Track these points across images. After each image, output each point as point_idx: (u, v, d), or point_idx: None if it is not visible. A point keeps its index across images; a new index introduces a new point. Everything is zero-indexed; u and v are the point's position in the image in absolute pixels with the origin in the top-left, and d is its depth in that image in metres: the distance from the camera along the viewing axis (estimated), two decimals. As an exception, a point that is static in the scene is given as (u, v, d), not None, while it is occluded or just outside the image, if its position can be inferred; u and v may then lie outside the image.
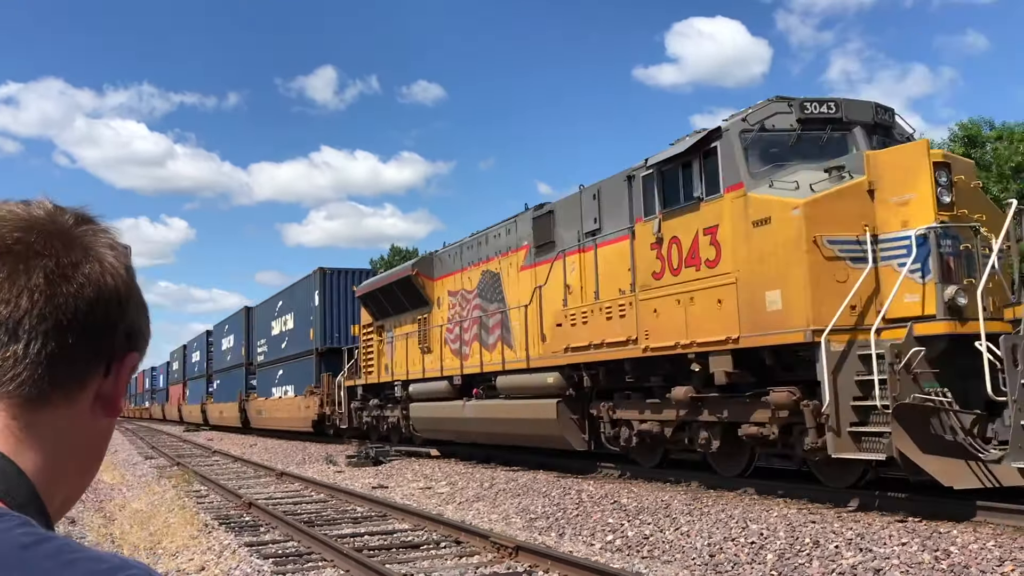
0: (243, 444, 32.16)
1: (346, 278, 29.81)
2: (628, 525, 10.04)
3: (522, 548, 8.71)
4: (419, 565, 8.64)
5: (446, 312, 19.82)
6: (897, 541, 7.80)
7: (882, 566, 7.20)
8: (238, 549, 9.58)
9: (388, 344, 23.06)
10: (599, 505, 11.38)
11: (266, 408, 35.32)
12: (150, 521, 12.74)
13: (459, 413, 18.27)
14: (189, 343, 60.63)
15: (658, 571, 8.14)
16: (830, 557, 7.68)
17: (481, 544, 9.32)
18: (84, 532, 11.89)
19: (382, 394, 23.58)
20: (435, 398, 19.59)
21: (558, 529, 10.56)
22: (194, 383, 56.16)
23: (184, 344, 62.94)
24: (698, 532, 9.23)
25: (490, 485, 14.43)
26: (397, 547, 9.68)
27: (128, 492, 17.49)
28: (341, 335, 29.16)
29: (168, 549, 10.22)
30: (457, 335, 19.04)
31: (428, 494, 14.58)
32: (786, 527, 8.82)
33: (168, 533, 11.28)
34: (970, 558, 7.13)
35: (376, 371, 23.85)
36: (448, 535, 10.10)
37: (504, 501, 12.88)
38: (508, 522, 11.39)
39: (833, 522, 8.89)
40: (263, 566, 8.63)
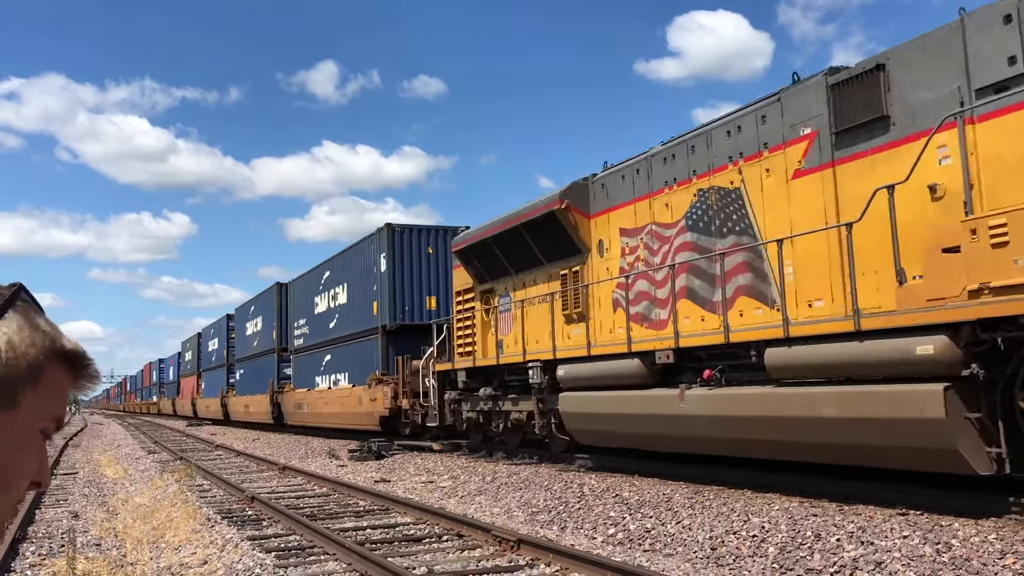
0: (245, 439, 32.20)
1: (421, 237, 24.22)
2: (630, 518, 10.06)
3: (524, 541, 8.72)
4: (421, 558, 8.66)
5: (616, 260, 14.09)
6: (899, 534, 7.81)
7: (883, 559, 7.21)
8: (240, 543, 9.61)
9: (505, 313, 17.54)
10: (601, 499, 11.40)
11: (309, 401, 29.72)
12: (153, 515, 12.78)
13: (669, 408, 11.99)
14: (205, 330, 55.17)
15: (660, 564, 8.16)
16: (831, 550, 7.69)
17: (483, 537, 9.34)
18: (88, 526, 11.93)
19: (495, 381, 17.58)
20: (604, 385, 13.49)
21: (560, 523, 10.58)
22: (211, 374, 50.76)
23: (199, 332, 57.63)
24: (700, 525, 9.25)
25: (492, 479, 14.45)
26: (399, 541, 9.70)
27: (131, 487, 17.54)
28: (415, 309, 23.72)
29: (171, 543, 10.25)
30: (645, 291, 13.27)
31: (430, 488, 14.61)
32: (787, 520, 8.83)
33: (171, 527, 11.32)
34: (971, 551, 7.14)
35: (479, 349, 18.44)
36: (450, 528, 10.12)
37: (506, 495, 12.90)
38: (510, 516, 11.41)
39: (835, 515, 8.90)
40: (266, 560, 8.65)
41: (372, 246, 24.98)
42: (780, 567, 7.56)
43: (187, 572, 8.62)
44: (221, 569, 8.44)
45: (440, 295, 23.51)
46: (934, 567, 6.89)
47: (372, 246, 24.98)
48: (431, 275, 23.97)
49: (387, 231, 23.92)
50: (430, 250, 23.94)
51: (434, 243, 24.12)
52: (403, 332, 23.47)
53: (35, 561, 9.42)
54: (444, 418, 19.58)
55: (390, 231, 23.91)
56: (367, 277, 25.19)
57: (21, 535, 10.93)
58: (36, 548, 10.20)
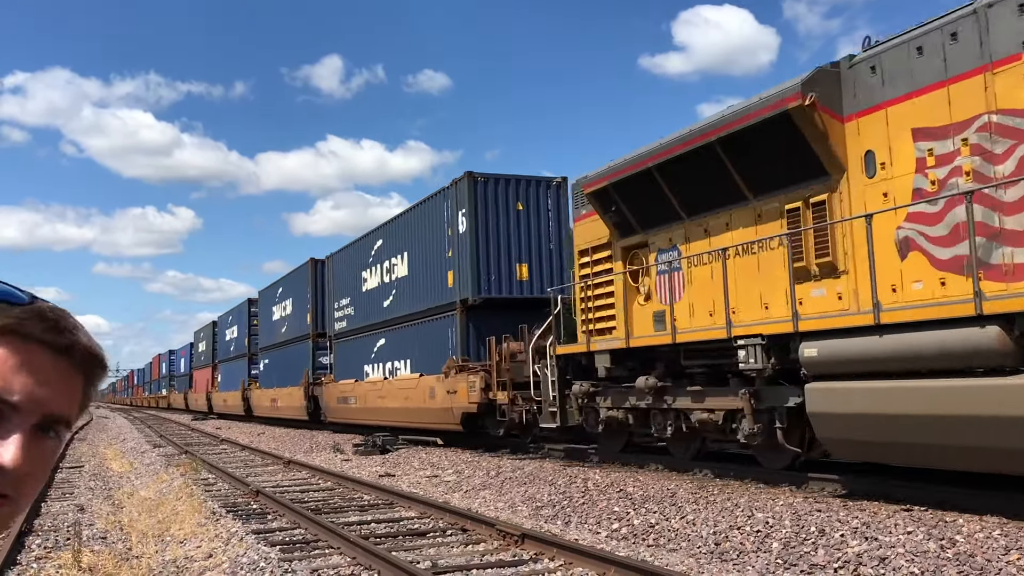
0: (250, 433, 32.27)
1: (509, 190, 19.53)
2: (634, 513, 10.06)
3: (528, 536, 8.74)
4: (425, 552, 8.68)
5: (905, 178, 9.38)
6: (903, 530, 7.80)
7: (887, 555, 7.20)
8: (245, 536, 9.63)
9: (670, 273, 12.90)
10: (605, 493, 11.40)
11: (358, 394, 25.15)
12: (158, 509, 12.82)
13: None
14: (222, 317, 50.88)
15: (664, 559, 8.16)
16: (835, 546, 7.68)
17: (487, 532, 9.35)
18: (93, 519, 11.98)
19: (659, 367, 12.88)
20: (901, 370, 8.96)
21: (564, 517, 10.59)
22: (230, 366, 46.54)
23: (214, 320, 53.45)
24: (704, 520, 9.25)
25: (496, 473, 14.47)
26: (404, 535, 9.72)
27: (136, 480, 17.59)
28: (503, 280, 19.23)
29: (176, 536, 10.28)
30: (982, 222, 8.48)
31: (435, 482, 14.63)
32: (791, 515, 8.83)
33: (176, 520, 11.35)
34: (976, 547, 7.13)
35: (624, 325, 13.71)
36: (454, 523, 10.14)
37: (510, 489, 12.91)
38: (514, 510, 11.42)
39: (839, 511, 8.90)
40: (270, 553, 8.68)
41: (446, 203, 20.15)
42: (784, 562, 7.56)
43: (192, 565, 8.65)
44: (226, 562, 8.47)
45: (533, 263, 19.55)
46: (938, 563, 6.88)
47: (446, 203, 20.15)
48: (522, 237, 19.55)
49: (468, 182, 19.15)
50: (520, 206, 19.44)
51: (524, 197, 19.58)
52: (488, 308, 18.99)
53: (41, 554, 9.45)
54: (566, 417, 14.85)
55: (472, 181, 19.13)
56: (437, 242, 20.59)
57: (27, 528, 10.97)
58: (42, 541, 10.23)
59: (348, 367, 26.98)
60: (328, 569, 8.03)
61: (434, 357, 20.22)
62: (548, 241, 19.83)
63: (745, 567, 7.64)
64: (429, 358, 20.65)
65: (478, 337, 19.14)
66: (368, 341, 25.30)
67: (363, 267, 26.04)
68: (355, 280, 26.65)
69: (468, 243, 19.11)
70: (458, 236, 19.51)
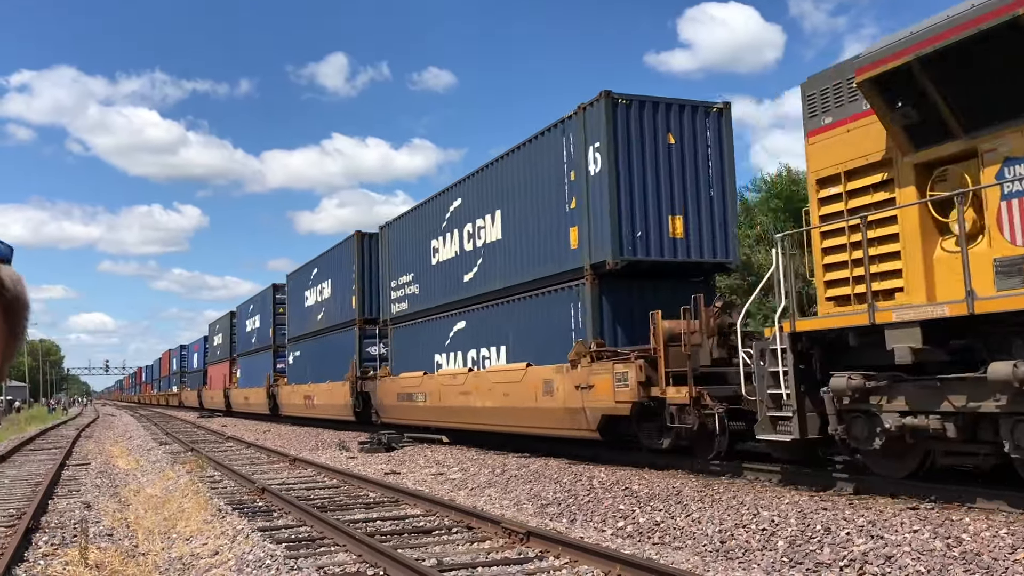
0: (256, 430, 32.32)
1: (657, 118, 14.85)
2: (639, 511, 10.06)
3: (533, 534, 8.74)
4: (431, 550, 8.68)
5: None
6: (909, 528, 7.79)
7: (893, 553, 7.19)
8: (251, 534, 9.65)
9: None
10: (610, 492, 11.40)
11: (430, 390, 20.38)
12: (164, 506, 12.86)
13: None
14: (242, 306, 45.91)
15: (669, 557, 8.16)
16: (841, 544, 7.67)
17: (492, 530, 9.36)
18: (100, 516, 12.01)
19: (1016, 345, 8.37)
20: None
21: (569, 515, 10.59)
22: (251, 360, 42.11)
23: (231, 310, 49.19)
24: (709, 519, 9.24)
25: (502, 471, 14.47)
26: (409, 532, 9.73)
27: (143, 478, 17.64)
28: (652, 237, 14.50)
29: (182, 533, 10.31)
30: None
31: (440, 480, 14.64)
32: (797, 514, 8.82)
33: (182, 518, 11.38)
34: (982, 545, 7.11)
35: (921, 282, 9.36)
36: (460, 521, 10.14)
37: (516, 487, 12.92)
38: (520, 508, 11.43)
39: (844, 509, 8.88)
40: (276, 551, 8.69)
41: (567, 138, 15.31)
42: (789, 561, 7.56)
43: (198, 563, 8.67)
44: (232, 560, 8.48)
45: (690, 215, 14.69)
46: (944, 561, 6.87)
47: (567, 138, 15.31)
48: (674, 182, 14.70)
49: (606, 103, 14.48)
50: (671, 138, 14.74)
51: (676, 128, 14.88)
52: (628, 277, 14.53)
53: (48, 551, 9.48)
54: (805, 426, 10.41)
55: (611, 104, 14.50)
56: (550, 192, 15.79)
57: (34, 525, 11.01)
58: (49, 538, 10.27)
59: (410, 358, 22.37)
60: (334, 566, 8.04)
61: (543, 342, 15.84)
62: (708, 186, 15.02)
63: (751, 565, 7.63)
64: (535, 344, 16.16)
65: (614, 315, 14.62)
66: (441, 325, 20.61)
67: (433, 235, 21.16)
68: (421, 252, 21.94)
69: (605, 188, 14.26)
70: (587, 180, 14.66)
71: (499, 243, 17.88)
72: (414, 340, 22.41)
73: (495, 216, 18.11)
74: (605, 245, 14.30)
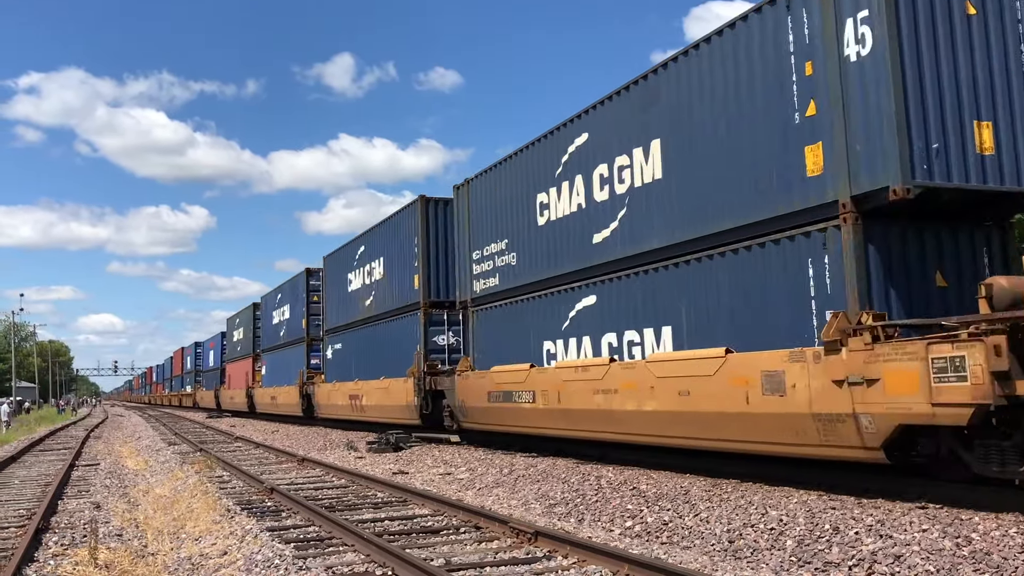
0: (264, 431, 32.40)
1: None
2: (647, 511, 10.06)
3: (541, 533, 8.74)
4: (439, 550, 8.70)
5: None
6: (918, 528, 7.77)
7: (902, 552, 7.17)
8: (260, 534, 9.68)
9: None
10: (618, 491, 11.40)
11: (544, 387, 15.50)
12: (173, 506, 12.90)
13: None
14: (267, 296, 41.49)
15: (677, 557, 8.16)
16: (850, 543, 7.66)
17: (500, 529, 9.36)
18: (109, 517, 12.06)
19: None
20: None
21: (577, 515, 10.59)
22: (279, 355, 38.14)
23: (254, 302, 45.02)
24: (717, 518, 9.23)
25: (509, 471, 14.48)
26: (417, 532, 9.75)
27: (152, 478, 17.70)
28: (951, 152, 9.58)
29: (191, 533, 10.34)
30: None
31: (448, 480, 14.65)
32: (806, 513, 8.81)
33: (191, 518, 11.42)
34: (992, 545, 7.09)
35: None
36: (468, 520, 10.16)
37: (523, 487, 12.93)
38: (527, 508, 11.43)
39: (853, 508, 8.87)
40: (284, 550, 8.72)
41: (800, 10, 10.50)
42: (798, 560, 7.55)
43: (207, 563, 8.70)
44: (241, 560, 8.51)
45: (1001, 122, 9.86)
46: (954, 561, 6.85)
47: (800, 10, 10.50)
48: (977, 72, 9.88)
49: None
50: (971, 9, 9.95)
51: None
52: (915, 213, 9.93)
53: (58, 551, 9.53)
54: None
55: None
56: (763, 94, 11.10)
57: (44, 525, 11.06)
58: (59, 538, 10.31)
59: (503, 347, 17.82)
60: (342, 566, 8.06)
61: (752, 319, 11.20)
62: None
63: (759, 565, 7.62)
64: (735, 321, 11.48)
65: (887, 274, 10.00)
66: (553, 304, 15.88)
67: (540, 186, 16.47)
68: (520, 211, 17.27)
69: (882, 77, 9.48)
70: (842, 71, 9.90)
71: (657, 185, 13.07)
72: (510, 324, 17.61)
73: (650, 149, 13.27)
74: (882, 165, 9.40)
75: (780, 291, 10.78)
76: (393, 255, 24.08)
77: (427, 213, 22.09)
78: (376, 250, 25.52)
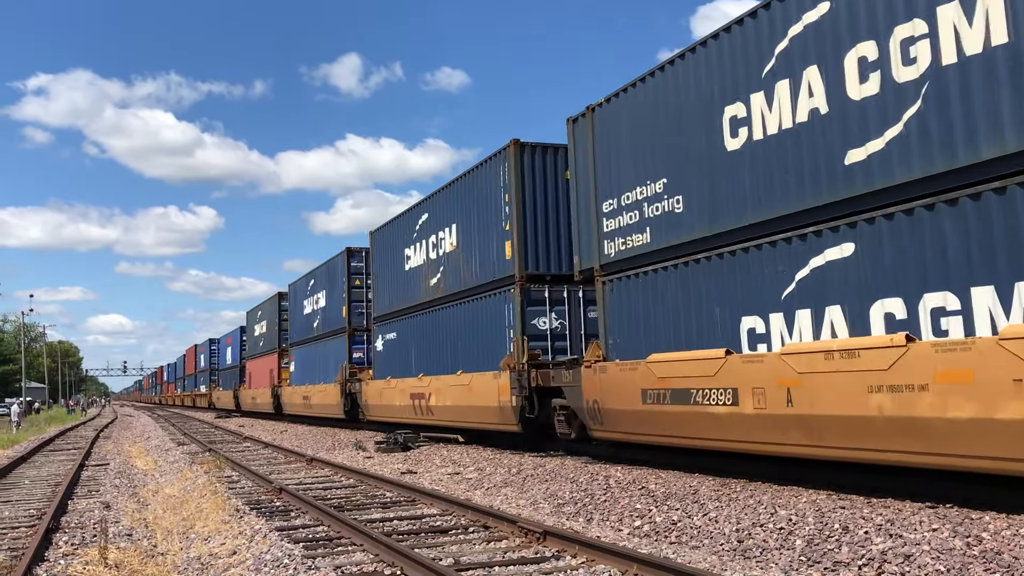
0: (273, 430, 32.47)
1: None
2: (656, 511, 10.05)
3: (550, 533, 8.74)
4: (448, 550, 8.70)
5: None
6: (928, 527, 7.74)
7: (912, 552, 7.15)
8: (269, 533, 9.70)
9: None
10: (627, 491, 11.39)
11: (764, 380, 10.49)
12: (183, 506, 12.94)
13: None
14: (296, 284, 37.71)
15: (686, 556, 8.14)
16: (859, 543, 7.63)
17: (509, 529, 9.36)
18: (119, 517, 12.10)
19: None
20: None
21: (586, 515, 10.58)
22: (309, 350, 34.60)
23: (279, 291, 41.48)
24: (726, 518, 9.22)
25: (518, 471, 14.48)
26: (426, 532, 9.75)
27: (161, 478, 17.76)
28: None
29: (200, 533, 10.37)
30: None
31: (456, 479, 14.66)
32: (815, 513, 8.79)
33: (200, 518, 11.45)
34: (1003, 544, 7.06)
35: None
36: (476, 520, 10.16)
37: (532, 487, 12.93)
38: (536, 507, 11.43)
39: (863, 508, 8.84)
40: (294, 550, 8.73)
41: None
42: (807, 560, 7.53)
43: (216, 562, 8.72)
44: (250, 559, 8.53)
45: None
46: (964, 560, 6.82)
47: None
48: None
49: None
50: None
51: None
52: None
53: (68, 551, 9.57)
54: None
55: None
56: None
57: (54, 525, 11.10)
58: (69, 538, 10.35)
59: (659, 327, 13.11)
60: (351, 566, 8.07)
61: None
62: None
63: (768, 564, 7.60)
64: None
65: None
66: (760, 263, 11.13)
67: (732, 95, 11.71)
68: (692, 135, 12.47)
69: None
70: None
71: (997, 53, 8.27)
72: (671, 297, 12.83)
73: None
74: None
75: None
76: (472, 220, 19.36)
77: (521, 162, 17.43)
78: (446, 216, 20.74)
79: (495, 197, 18.16)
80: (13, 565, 8.55)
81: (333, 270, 31.61)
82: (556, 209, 17.46)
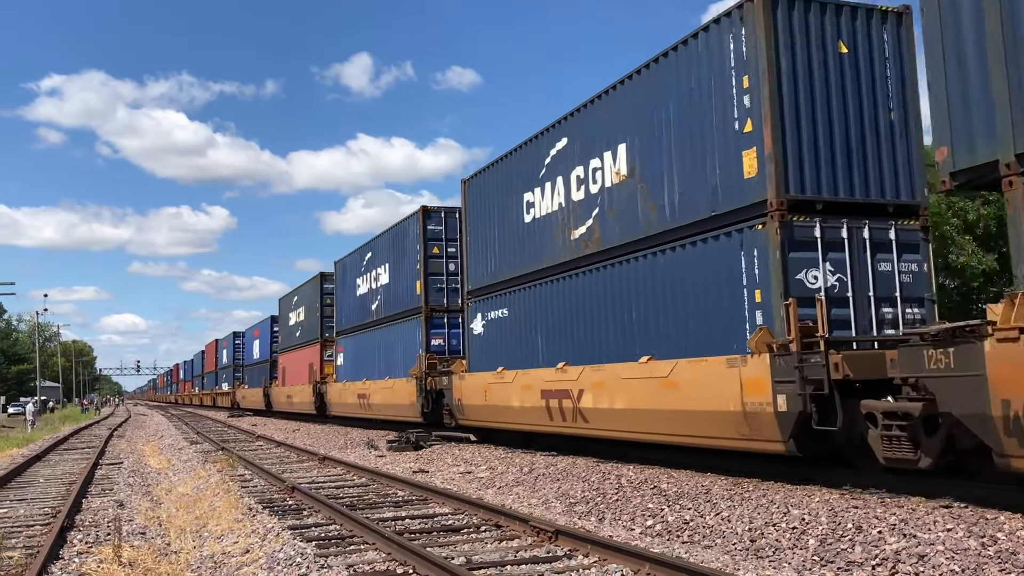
0: (285, 430, 32.56)
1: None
2: (668, 510, 10.03)
3: (562, 532, 8.73)
4: (460, 549, 8.71)
5: None
6: (942, 527, 7.70)
7: (926, 552, 7.11)
8: (281, 532, 9.73)
9: None
10: (639, 490, 11.37)
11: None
12: (196, 505, 12.99)
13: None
14: (346, 260, 31.58)
15: (698, 556, 8.12)
16: (873, 542, 7.60)
17: (521, 528, 9.36)
18: (132, 515, 12.16)
19: None
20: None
21: (598, 514, 10.57)
22: (363, 338, 28.87)
23: (321, 272, 35.56)
24: (739, 517, 9.19)
25: (529, 470, 14.48)
26: (438, 531, 9.76)
27: (174, 477, 17.83)
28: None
29: (213, 532, 10.41)
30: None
31: (468, 479, 14.67)
32: (828, 512, 8.75)
33: (213, 516, 11.49)
34: (1018, 544, 7.01)
35: None
36: (488, 519, 10.16)
37: (544, 486, 12.92)
38: (548, 506, 11.42)
39: (876, 507, 8.80)
40: (306, 549, 8.75)
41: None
42: (820, 559, 7.49)
43: (229, 561, 8.75)
44: (263, 558, 8.56)
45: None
46: (979, 560, 6.78)
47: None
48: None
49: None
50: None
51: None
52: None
53: (82, 549, 9.62)
54: None
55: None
56: None
57: (69, 523, 11.16)
58: (83, 536, 10.41)
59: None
60: (363, 564, 8.08)
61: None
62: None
63: (781, 564, 7.58)
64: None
65: None
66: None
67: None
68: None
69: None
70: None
71: None
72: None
73: None
74: None
75: None
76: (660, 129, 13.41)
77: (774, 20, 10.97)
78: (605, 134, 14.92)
79: (720, 83, 12.12)
80: (29, 563, 8.60)
81: (401, 236, 25.33)
82: (827, 99, 11.61)
